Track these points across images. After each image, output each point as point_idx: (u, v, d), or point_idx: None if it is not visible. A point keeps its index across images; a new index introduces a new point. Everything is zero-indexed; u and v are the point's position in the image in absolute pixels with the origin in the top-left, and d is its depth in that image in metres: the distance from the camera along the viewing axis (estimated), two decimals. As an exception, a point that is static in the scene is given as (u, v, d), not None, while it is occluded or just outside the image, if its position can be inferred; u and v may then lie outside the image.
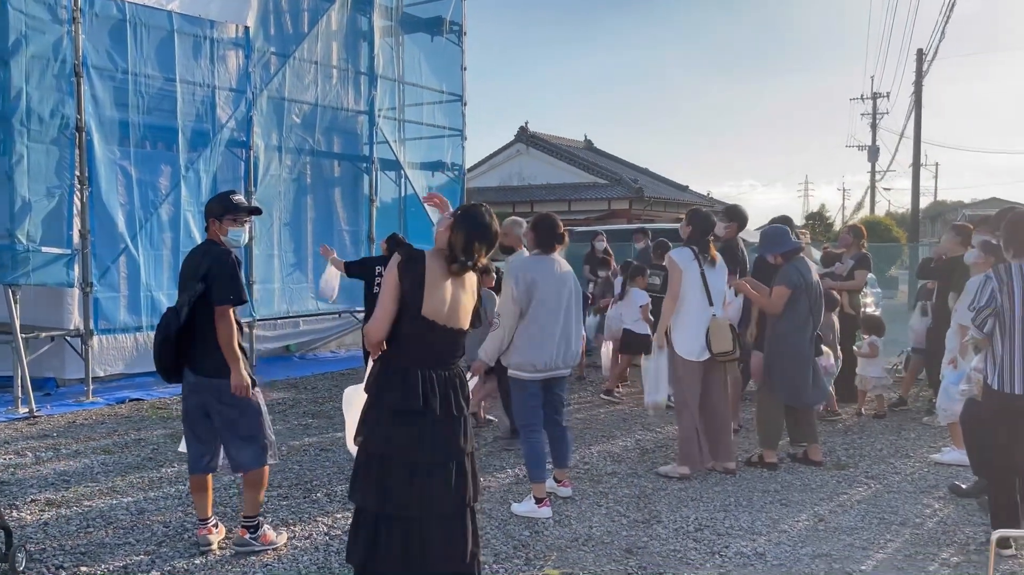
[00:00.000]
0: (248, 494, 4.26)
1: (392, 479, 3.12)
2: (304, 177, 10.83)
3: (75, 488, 5.33)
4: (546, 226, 5.06)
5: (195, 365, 4.14)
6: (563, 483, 5.25)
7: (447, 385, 3.21)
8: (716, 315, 5.60)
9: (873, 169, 39.22)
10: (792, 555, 4.32)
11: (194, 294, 4.01)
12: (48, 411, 7.54)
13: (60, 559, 4.16)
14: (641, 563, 4.19)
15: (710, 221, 5.91)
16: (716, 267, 5.73)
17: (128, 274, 8.59)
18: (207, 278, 4.03)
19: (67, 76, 7.78)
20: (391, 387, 3.17)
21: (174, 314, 4.06)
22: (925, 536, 4.62)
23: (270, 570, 4.06)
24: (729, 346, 5.56)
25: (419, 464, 3.13)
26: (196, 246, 4.42)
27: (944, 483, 5.57)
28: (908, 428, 7.25)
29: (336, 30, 10.95)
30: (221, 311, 4.06)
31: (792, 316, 5.80)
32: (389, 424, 3.15)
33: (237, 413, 4.14)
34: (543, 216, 5.18)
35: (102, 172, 8.19)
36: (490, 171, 30.93)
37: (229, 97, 9.47)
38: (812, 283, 5.86)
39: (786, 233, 6.09)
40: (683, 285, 5.60)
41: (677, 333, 5.65)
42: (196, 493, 4.33)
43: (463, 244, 3.21)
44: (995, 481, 4.47)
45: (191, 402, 4.20)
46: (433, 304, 3.16)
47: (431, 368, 3.19)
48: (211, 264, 4.06)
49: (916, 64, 26.48)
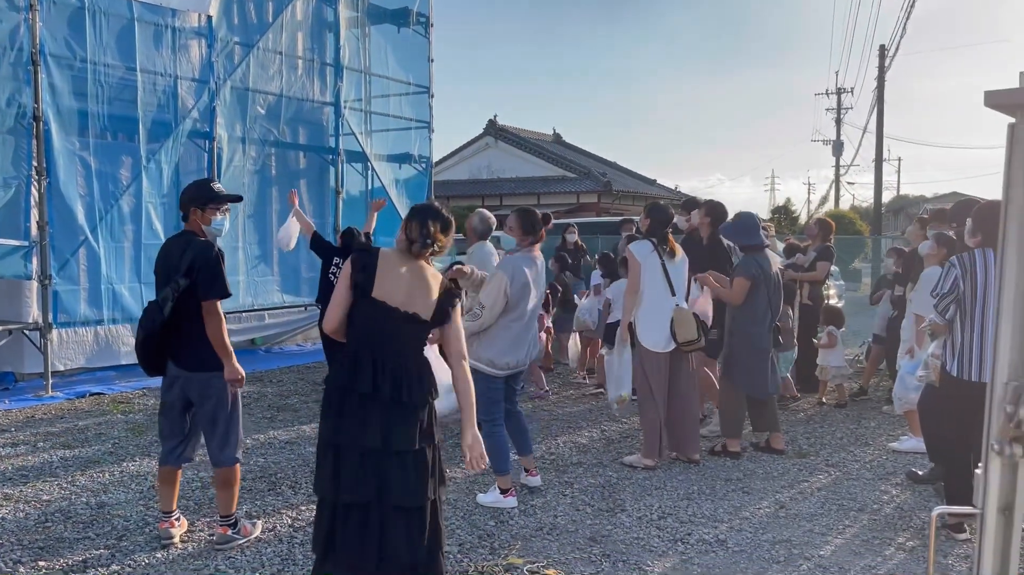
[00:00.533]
0: (223, 493, 4.22)
1: (344, 466, 3.11)
2: (269, 168, 10.73)
3: (33, 483, 5.25)
4: (533, 220, 5.10)
5: (179, 359, 4.09)
6: (531, 472, 5.28)
7: (401, 371, 3.14)
8: (679, 305, 5.66)
9: (837, 164, 39.79)
10: (753, 541, 4.39)
11: (178, 288, 3.96)
12: (6, 406, 7.40)
13: (18, 554, 4.09)
14: (605, 551, 4.23)
15: (667, 213, 5.96)
16: (677, 258, 5.78)
17: (88, 266, 8.45)
18: (192, 272, 3.98)
19: (24, 64, 7.62)
20: (341, 370, 3.19)
21: (157, 308, 3.98)
22: (882, 521, 4.72)
23: (232, 562, 4.03)
24: (694, 335, 5.61)
25: (368, 451, 3.10)
26: (173, 237, 4.30)
27: (902, 470, 5.69)
28: (868, 417, 7.38)
29: (301, 20, 10.85)
30: (209, 306, 4.03)
31: (750, 308, 5.88)
32: (338, 410, 3.15)
33: (219, 408, 4.12)
34: (529, 210, 5.21)
35: (60, 163, 8.04)
36: (459, 164, 30.87)
37: (192, 87, 9.35)
38: (771, 275, 5.94)
39: (757, 228, 6.13)
40: (644, 277, 5.66)
41: (641, 325, 5.69)
42: (163, 486, 4.28)
43: (418, 228, 3.26)
44: (950, 467, 4.58)
45: (172, 395, 4.15)
46: (384, 287, 3.16)
47: (384, 353, 3.15)
48: (195, 257, 4.00)
49: (879, 60, 26.88)
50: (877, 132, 26.33)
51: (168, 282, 4.01)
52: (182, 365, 4.09)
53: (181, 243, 4.13)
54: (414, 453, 3.15)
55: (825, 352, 7.73)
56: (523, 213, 5.11)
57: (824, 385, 7.90)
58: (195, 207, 4.14)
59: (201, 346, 4.04)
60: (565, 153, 30.92)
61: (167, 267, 4.08)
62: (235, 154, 9.87)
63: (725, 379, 6.09)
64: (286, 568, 3.97)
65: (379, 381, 3.10)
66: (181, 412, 4.18)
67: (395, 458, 3.11)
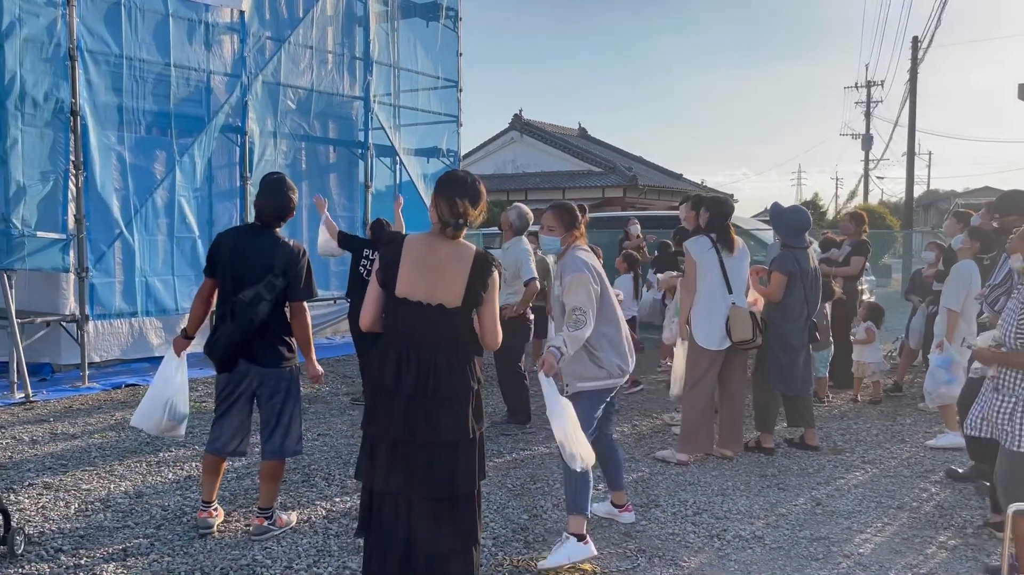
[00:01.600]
0: (268, 485, 4.27)
1: (379, 456, 3.16)
2: (299, 163, 10.79)
3: (73, 472, 5.32)
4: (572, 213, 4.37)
5: (254, 355, 4.14)
6: (625, 507, 4.56)
7: (427, 366, 3.11)
8: (736, 303, 5.57)
9: (867, 157, 39.27)
10: (790, 538, 4.34)
11: (274, 290, 4.07)
12: (44, 396, 7.51)
13: (59, 542, 4.15)
14: (640, 546, 4.21)
15: (728, 206, 5.77)
16: (735, 254, 5.65)
17: (123, 259, 8.55)
18: (288, 274, 4.10)
19: (62, 59, 7.72)
20: (372, 366, 3.24)
21: (250, 309, 4.02)
22: (923, 519, 4.65)
23: (269, 553, 4.07)
24: (749, 334, 5.52)
25: (397, 442, 3.14)
26: (251, 230, 4.30)
27: (940, 468, 5.61)
28: (904, 414, 7.29)
29: (332, 15, 10.89)
30: (299, 307, 4.19)
31: (785, 304, 5.79)
32: (372, 403, 3.23)
33: (287, 401, 4.22)
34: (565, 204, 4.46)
35: (97, 157, 8.13)
36: (484, 159, 30.87)
37: (224, 82, 9.42)
38: (808, 271, 5.83)
39: (805, 230, 5.94)
40: (700, 274, 5.57)
41: (696, 322, 5.60)
42: (208, 475, 4.35)
43: (448, 207, 3.16)
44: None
45: (242, 389, 4.19)
46: (407, 282, 3.14)
47: (410, 347, 3.13)
48: (291, 260, 4.13)
49: (911, 52, 26.47)
50: (909, 126, 25.96)
51: (245, 278, 4.06)
52: (257, 361, 4.14)
53: (267, 243, 4.16)
54: (444, 445, 3.15)
55: (861, 348, 7.64)
56: (561, 208, 4.39)
57: (859, 381, 7.81)
58: (292, 214, 4.28)
59: (277, 342, 4.17)
60: (590, 147, 30.82)
61: (246, 262, 4.10)
62: (266, 148, 9.93)
63: (758, 375, 6.03)
64: (321, 559, 3.99)
65: (402, 376, 3.11)
66: (246, 406, 4.25)
67: (423, 450, 3.13)
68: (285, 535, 4.28)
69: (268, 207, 4.20)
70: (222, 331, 4.08)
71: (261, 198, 4.23)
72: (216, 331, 4.12)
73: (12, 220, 7.33)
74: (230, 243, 4.21)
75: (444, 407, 3.13)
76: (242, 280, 4.08)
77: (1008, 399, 3.69)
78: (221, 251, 4.19)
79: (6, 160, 7.27)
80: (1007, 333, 3.69)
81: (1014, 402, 3.65)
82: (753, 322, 5.54)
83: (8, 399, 7.31)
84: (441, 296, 3.14)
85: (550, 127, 31.67)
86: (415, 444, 3.12)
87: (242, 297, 4.04)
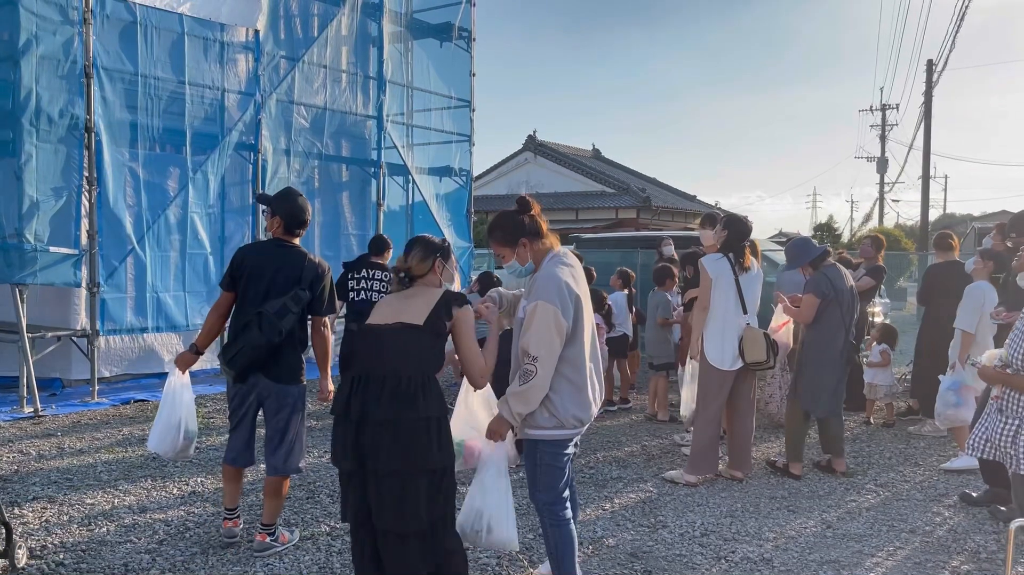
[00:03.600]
0: (272, 501, 4.26)
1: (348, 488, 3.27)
2: (312, 181, 10.82)
3: (78, 487, 5.31)
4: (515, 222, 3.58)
5: (268, 370, 4.13)
6: None
7: (380, 391, 3.08)
8: (750, 324, 5.51)
9: (882, 181, 39.12)
10: (800, 561, 4.27)
11: (300, 302, 4.09)
12: (53, 411, 7.53)
13: (61, 556, 4.13)
14: (646, 567, 4.14)
15: (746, 226, 5.70)
16: (751, 274, 5.61)
17: (135, 275, 8.58)
18: (313, 288, 4.13)
19: (77, 77, 7.80)
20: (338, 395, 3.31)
21: (277, 319, 4.02)
22: (935, 544, 4.56)
23: (271, 569, 4.03)
24: (763, 356, 5.46)
25: (347, 472, 3.22)
26: (276, 245, 4.26)
27: (954, 491, 5.51)
28: (917, 437, 7.18)
29: (346, 35, 10.97)
30: (321, 321, 4.23)
31: (823, 326, 5.69)
32: (333, 432, 3.28)
33: (292, 418, 4.22)
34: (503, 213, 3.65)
35: (110, 173, 8.19)
36: (498, 179, 30.97)
37: (238, 100, 9.48)
38: (843, 290, 5.71)
39: (808, 242, 6.01)
40: (715, 293, 5.51)
41: (708, 342, 5.54)
42: (228, 483, 4.35)
43: (395, 267, 3.46)
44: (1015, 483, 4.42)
45: (250, 401, 4.20)
46: (378, 313, 3.30)
47: (366, 373, 3.17)
48: (317, 275, 4.17)
49: (926, 75, 26.44)
50: (924, 149, 25.86)
51: (269, 291, 4.07)
52: (269, 375, 4.13)
53: (292, 257, 4.19)
54: (393, 474, 3.08)
55: (875, 370, 7.55)
56: (494, 228, 3.55)
57: (872, 404, 7.71)
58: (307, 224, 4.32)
59: (291, 358, 4.17)
60: (604, 168, 30.87)
61: (270, 276, 4.11)
62: (279, 166, 9.98)
63: (792, 398, 5.93)
64: (324, 576, 3.95)
65: (351, 401, 3.14)
66: (254, 416, 4.27)
67: (372, 478, 3.12)
68: (288, 552, 4.24)
69: (301, 215, 4.26)
70: (245, 339, 4.03)
71: (281, 207, 4.23)
72: (237, 339, 4.07)
73: (25, 235, 7.37)
74: (255, 256, 4.22)
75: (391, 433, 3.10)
76: (268, 293, 4.08)
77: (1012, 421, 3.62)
78: (246, 264, 4.18)
79: (20, 175, 7.33)
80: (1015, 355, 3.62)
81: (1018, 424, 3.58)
82: (767, 343, 5.47)
83: (17, 414, 7.33)
84: (405, 316, 3.22)
85: (564, 148, 31.77)
86: (356, 472, 3.21)
87: (268, 308, 4.02)
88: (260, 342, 4.01)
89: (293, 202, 4.26)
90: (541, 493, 3.48)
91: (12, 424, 7.04)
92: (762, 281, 5.78)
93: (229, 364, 4.11)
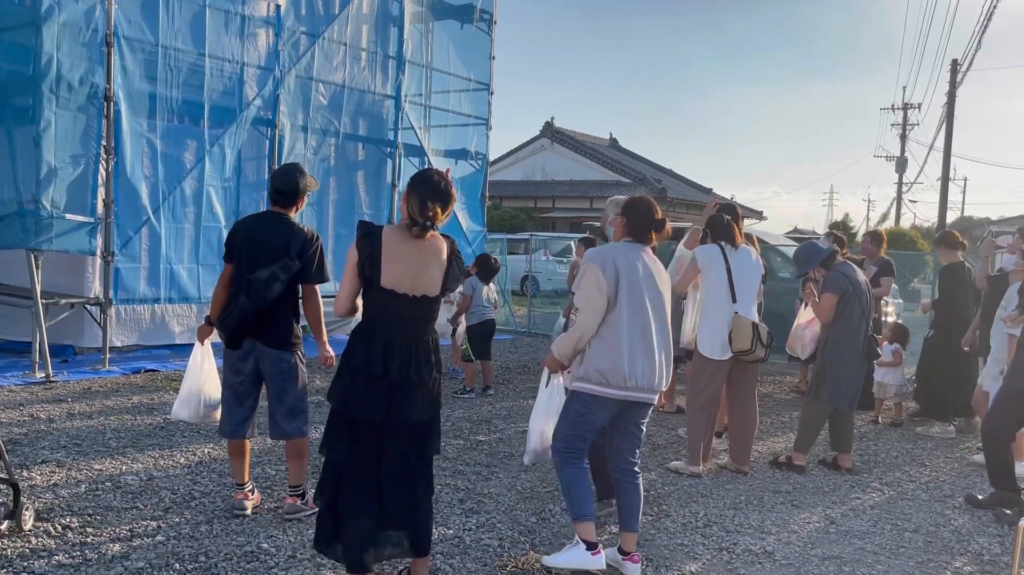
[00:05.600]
0: (294, 464, 4.38)
1: (356, 435, 3.35)
2: (328, 159, 10.83)
3: (86, 452, 5.36)
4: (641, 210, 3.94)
5: (262, 334, 4.21)
6: (631, 557, 3.90)
7: (410, 352, 3.32)
8: (739, 312, 5.50)
9: (900, 180, 38.90)
10: (801, 555, 4.26)
11: (290, 270, 4.15)
12: (64, 377, 7.59)
13: (67, 519, 4.17)
14: (648, 555, 4.15)
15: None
16: (749, 263, 5.61)
17: (149, 246, 8.63)
18: (303, 257, 4.18)
19: (98, 45, 7.80)
20: (356, 351, 3.34)
21: (265, 287, 4.09)
22: (939, 544, 4.54)
23: (274, 541, 4.06)
24: (747, 345, 5.45)
25: (374, 423, 3.32)
26: (266, 216, 4.40)
27: (960, 492, 5.49)
28: (925, 437, 7.15)
29: (367, 13, 10.95)
30: (312, 289, 4.31)
31: (846, 321, 5.69)
32: (350, 385, 3.33)
33: (290, 383, 4.28)
34: (639, 199, 4.03)
35: (128, 143, 8.22)
36: (514, 165, 30.93)
37: (257, 75, 9.48)
38: (860, 284, 5.75)
39: (814, 245, 6.05)
40: (706, 282, 5.54)
41: (700, 330, 5.59)
42: (235, 458, 4.41)
43: (418, 206, 3.31)
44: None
45: (246, 368, 4.26)
46: (391, 275, 3.30)
47: (395, 336, 3.30)
48: (306, 244, 4.22)
49: (950, 75, 26.17)
50: (945, 150, 25.66)
51: (260, 261, 4.13)
52: (264, 341, 4.21)
53: (281, 227, 4.25)
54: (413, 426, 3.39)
55: (885, 369, 7.51)
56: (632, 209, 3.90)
57: (881, 403, 7.68)
58: (303, 196, 4.33)
59: (284, 324, 4.25)
60: (621, 158, 30.76)
61: (261, 246, 4.18)
62: (296, 142, 9.99)
63: (815, 392, 5.89)
64: (327, 550, 3.97)
65: (389, 363, 3.28)
66: (252, 387, 4.32)
67: (396, 430, 3.36)
68: (291, 525, 4.27)
69: (277, 186, 4.31)
70: (235, 305, 4.16)
71: (272, 182, 4.36)
72: (229, 306, 4.19)
73: (42, 201, 7.40)
74: (247, 228, 4.33)
75: (419, 390, 3.35)
76: (258, 262, 4.16)
77: None
78: (238, 236, 4.29)
79: (39, 142, 7.35)
80: None
81: None
82: (755, 334, 5.46)
83: (29, 378, 7.39)
84: (424, 287, 3.34)
85: (581, 136, 31.66)
86: (392, 424, 3.33)
87: (258, 276, 4.11)
88: (247, 306, 4.11)
89: (275, 174, 4.40)
90: (557, 442, 3.92)
91: (24, 388, 7.10)
92: (760, 271, 5.75)
93: (220, 326, 4.24)
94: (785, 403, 8.41)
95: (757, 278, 5.69)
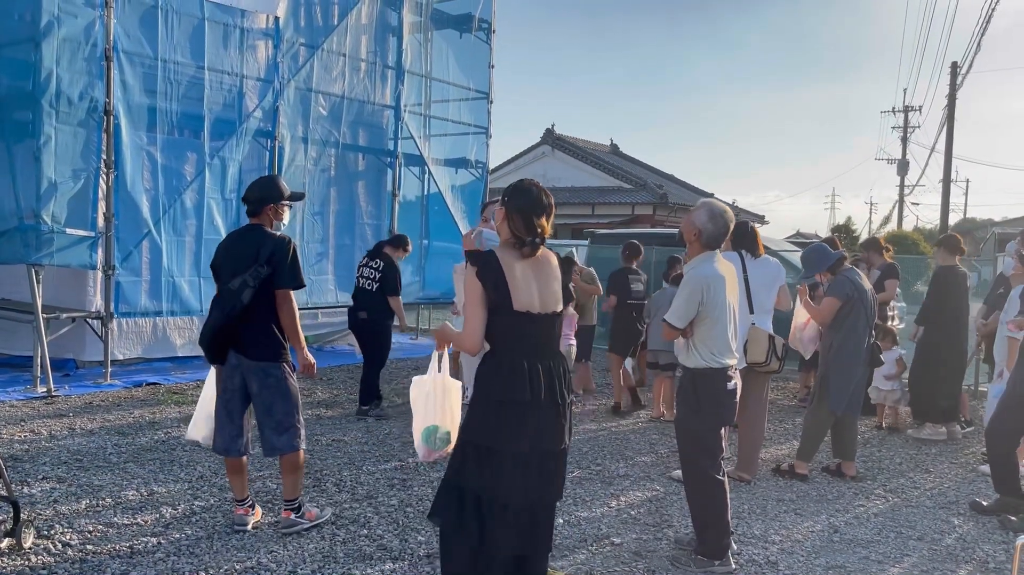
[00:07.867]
0: (288, 478, 4.33)
1: (504, 470, 3.09)
2: (329, 169, 10.83)
3: (87, 468, 5.35)
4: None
5: (243, 348, 4.18)
6: None
7: (551, 374, 3.15)
8: (756, 323, 5.48)
9: (902, 183, 38.83)
10: (805, 565, 4.23)
11: (259, 276, 4.11)
12: (66, 392, 7.59)
13: (67, 536, 4.16)
14: (650, 566, 4.12)
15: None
16: (768, 273, 5.59)
17: (150, 259, 8.63)
18: (272, 262, 4.13)
19: (98, 60, 7.82)
20: (498, 380, 3.13)
21: (234, 295, 4.08)
22: (943, 552, 4.52)
23: (274, 556, 4.04)
24: (762, 357, 5.42)
25: (523, 454, 3.10)
26: (239, 231, 4.46)
27: (964, 499, 5.46)
28: (929, 443, 7.12)
29: (366, 24, 10.96)
30: (285, 295, 4.22)
31: (851, 328, 5.65)
32: (495, 416, 3.11)
33: (277, 397, 4.23)
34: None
35: (128, 156, 8.23)
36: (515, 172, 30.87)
37: (256, 87, 9.50)
38: (865, 291, 5.71)
39: (825, 248, 5.97)
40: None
41: None
42: (233, 475, 4.37)
43: (523, 223, 3.12)
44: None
45: (233, 384, 4.23)
46: (522, 296, 3.11)
47: (535, 358, 3.13)
48: (275, 249, 4.17)
49: (950, 77, 26.16)
50: (946, 152, 25.63)
51: (236, 273, 4.12)
52: (246, 354, 4.18)
53: (253, 236, 4.25)
54: (562, 451, 3.24)
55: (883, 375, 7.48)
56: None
57: (882, 408, 7.65)
58: (271, 203, 4.29)
59: (265, 336, 4.19)
60: (621, 164, 30.74)
61: (235, 258, 4.19)
62: (296, 153, 10.00)
63: (819, 399, 5.85)
64: (327, 565, 3.96)
65: (536, 388, 3.10)
66: (241, 402, 4.28)
67: (547, 458, 3.17)
68: (291, 539, 4.25)
69: (244, 196, 4.33)
70: (208, 318, 4.16)
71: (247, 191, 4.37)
72: (206, 321, 4.21)
73: (42, 216, 7.41)
74: (226, 243, 4.37)
75: (562, 413, 3.19)
76: (233, 273, 4.15)
77: None
78: (218, 253, 4.34)
79: (39, 157, 7.36)
80: None
81: None
82: (770, 346, 5.43)
83: (30, 393, 7.39)
84: (551, 304, 3.20)
85: (582, 142, 31.64)
86: (543, 453, 3.14)
87: (229, 285, 4.10)
88: (218, 316, 4.10)
89: (262, 183, 4.39)
90: None
91: (25, 403, 7.10)
92: (780, 281, 5.72)
93: (200, 343, 4.24)
94: (789, 410, 8.37)
95: (775, 289, 5.67)
